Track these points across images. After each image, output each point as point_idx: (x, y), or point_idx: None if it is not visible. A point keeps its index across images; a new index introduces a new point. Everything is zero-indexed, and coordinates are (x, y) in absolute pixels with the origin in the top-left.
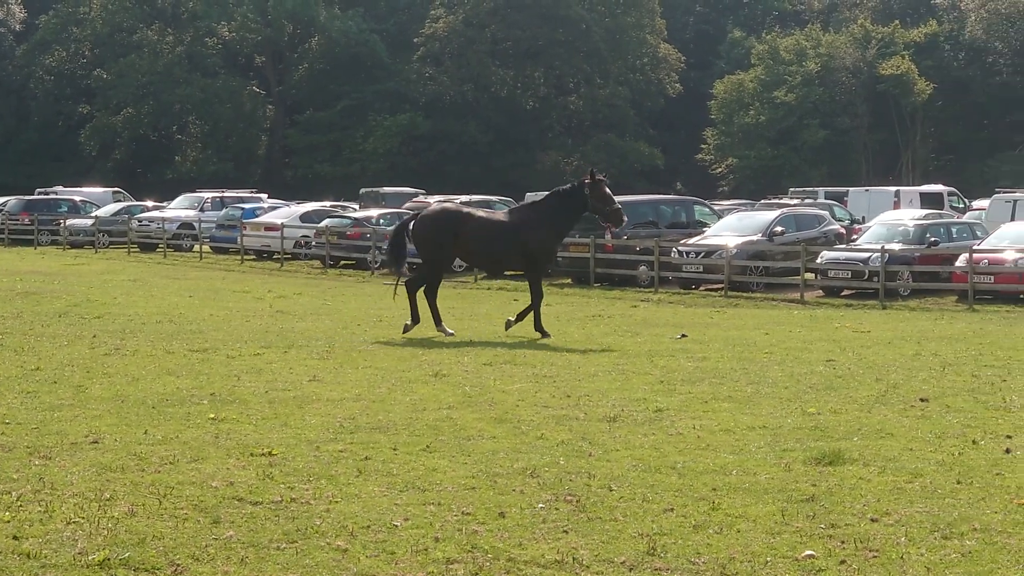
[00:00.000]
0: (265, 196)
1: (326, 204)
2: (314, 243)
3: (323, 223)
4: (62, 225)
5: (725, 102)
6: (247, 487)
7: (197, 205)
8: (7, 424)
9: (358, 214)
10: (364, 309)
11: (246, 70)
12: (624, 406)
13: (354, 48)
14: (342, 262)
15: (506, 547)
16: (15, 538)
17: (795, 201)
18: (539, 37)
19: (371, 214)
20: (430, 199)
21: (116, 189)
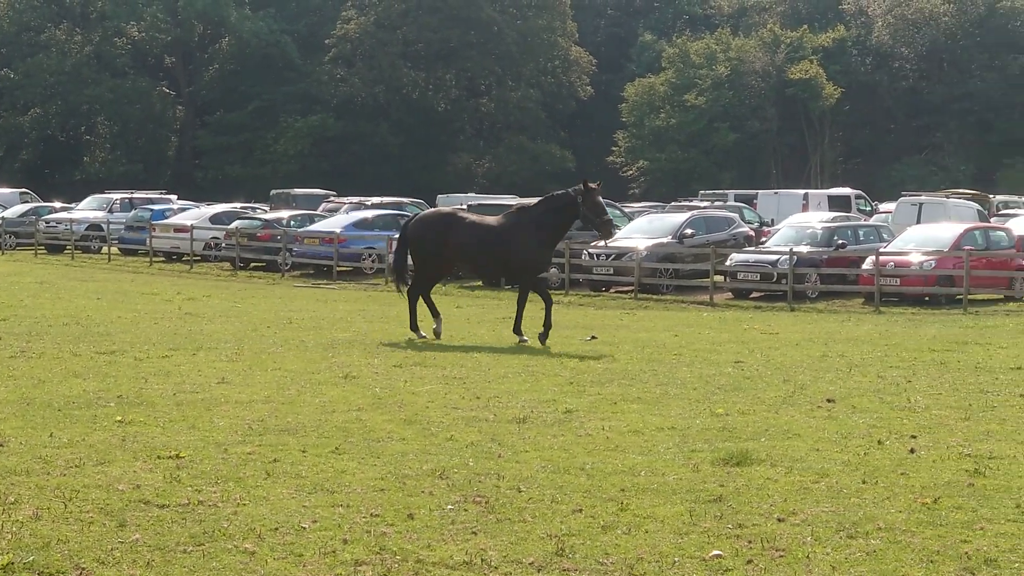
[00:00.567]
0: (175, 197)
1: (236, 206)
2: (224, 245)
3: (233, 225)
4: None
5: (636, 105)
6: (154, 490)
7: (106, 206)
8: None
9: (268, 216)
10: (274, 311)
11: (156, 71)
12: (533, 407)
13: (265, 49)
14: (252, 264)
15: (415, 548)
16: None
17: (705, 204)
18: (451, 39)
19: (282, 216)
20: (342, 200)
21: (23, 190)
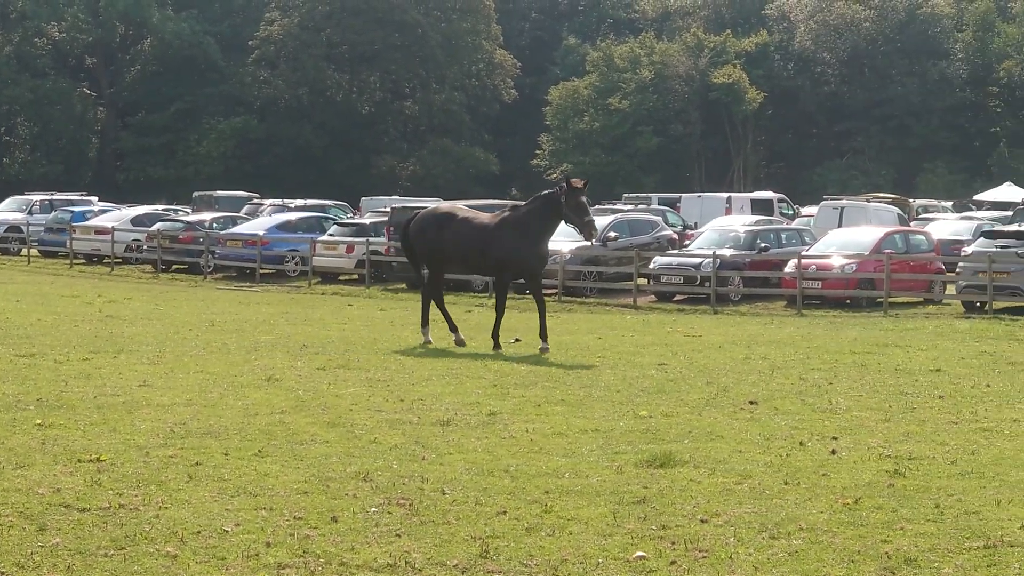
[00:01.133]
0: (96, 199)
1: (158, 208)
2: (146, 247)
3: (155, 227)
4: None
5: (560, 108)
6: (74, 493)
7: (25, 208)
8: None
9: (191, 218)
10: (196, 314)
11: (77, 71)
12: (457, 410)
13: (188, 50)
14: (174, 266)
15: (338, 551)
16: None
17: (629, 207)
18: (375, 41)
19: (204, 218)
20: (264, 203)
21: None
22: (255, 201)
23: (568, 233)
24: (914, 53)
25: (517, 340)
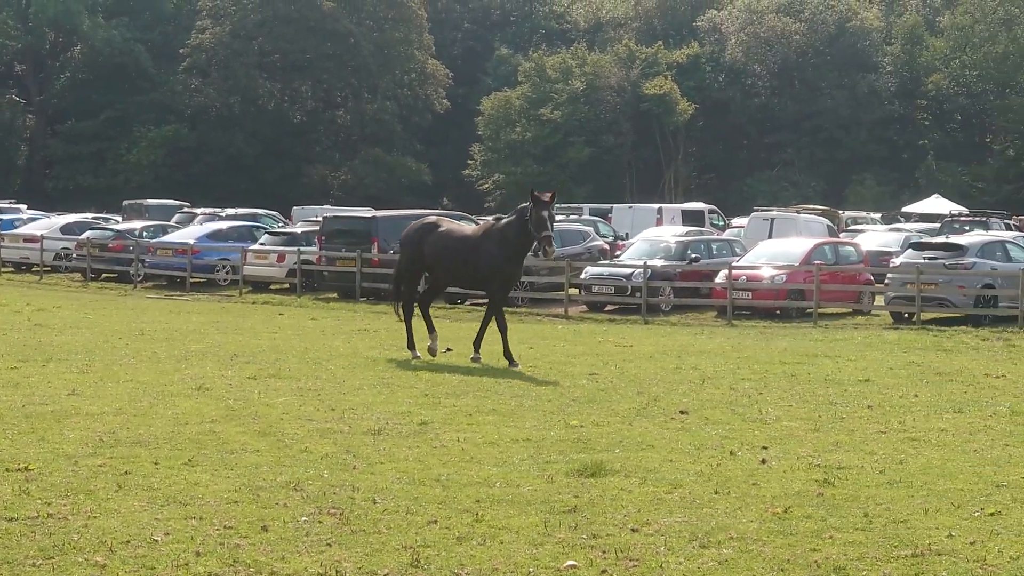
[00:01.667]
0: (24, 207)
1: (88, 216)
2: (75, 255)
3: (85, 235)
4: None
5: (492, 118)
6: (2, 503)
7: None
8: None
9: (121, 226)
10: (126, 322)
11: (5, 78)
12: (389, 419)
13: (118, 58)
14: (104, 275)
15: (268, 561)
16: None
17: (560, 217)
18: (307, 51)
19: (134, 226)
20: (196, 211)
21: None
22: (186, 210)
23: None
24: (844, 66)
25: (449, 350)
